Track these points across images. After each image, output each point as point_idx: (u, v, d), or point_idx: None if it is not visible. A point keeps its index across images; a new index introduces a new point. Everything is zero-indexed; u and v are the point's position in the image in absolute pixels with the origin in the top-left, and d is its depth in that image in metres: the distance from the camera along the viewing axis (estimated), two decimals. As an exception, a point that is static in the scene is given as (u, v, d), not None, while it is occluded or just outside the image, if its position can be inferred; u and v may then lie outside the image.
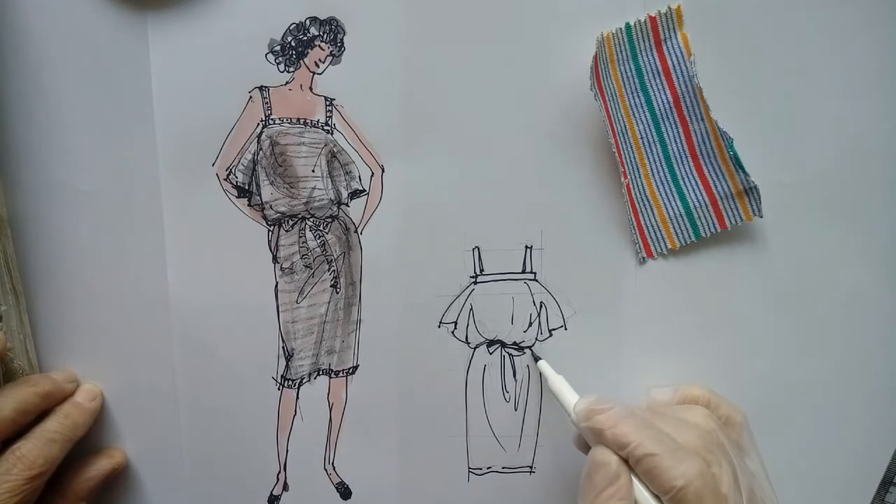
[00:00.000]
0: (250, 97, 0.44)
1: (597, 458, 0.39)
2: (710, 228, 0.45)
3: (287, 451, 0.48)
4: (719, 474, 0.38)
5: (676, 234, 0.45)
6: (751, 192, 0.44)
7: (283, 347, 0.47)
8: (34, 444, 0.42)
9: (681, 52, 0.43)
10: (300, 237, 0.46)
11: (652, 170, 0.45)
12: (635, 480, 0.38)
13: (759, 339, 0.47)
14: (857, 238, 0.46)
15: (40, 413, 0.43)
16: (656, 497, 0.37)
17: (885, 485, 0.48)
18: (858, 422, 0.48)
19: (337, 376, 0.48)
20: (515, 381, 0.48)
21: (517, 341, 0.47)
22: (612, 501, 0.37)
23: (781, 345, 0.47)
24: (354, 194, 0.46)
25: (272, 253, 0.46)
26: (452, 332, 0.47)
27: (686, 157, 0.44)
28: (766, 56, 0.44)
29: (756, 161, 0.44)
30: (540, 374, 0.47)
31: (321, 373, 0.48)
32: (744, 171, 0.43)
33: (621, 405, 0.40)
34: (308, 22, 0.43)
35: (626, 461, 0.38)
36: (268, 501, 0.49)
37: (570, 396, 0.43)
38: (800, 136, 0.45)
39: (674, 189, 0.45)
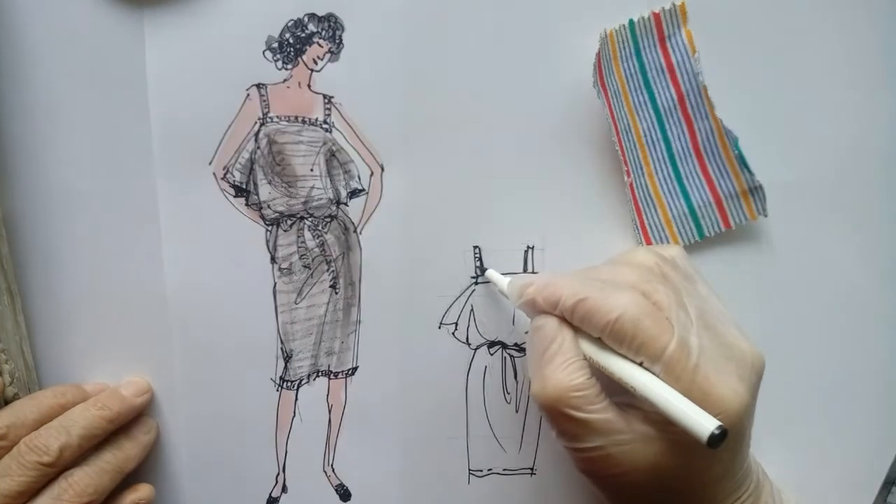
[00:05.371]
0: (248, 95, 0.43)
1: (533, 325, 0.37)
2: (714, 228, 0.45)
3: (286, 452, 0.48)
4: (661, 301, 0.35)
5: (680, 233, 0.45)
6: (755, 191, 0.43)
7: (281, 348, 0.47)
8: (87, 472, 0.40)
9: (685, 49, 0.42)
10: (299, 237, 0.45)
11: (656, 168, 0.44)
12: (583, 340, 0.36)
13: (762, 339, 0.46)
14: (863, 238, 0.45)
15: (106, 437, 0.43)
16: (607, 347, 0.35)
17: (888, 485, 0.48)
18: (861, 422, 0.48)
19: (336, 377, 0.47)
20: (516, 382, 0.48)
21: (518, 342, 0.47)
22: (557, 358, 0.35)
23: (784, 345, 0.46)
24: (354, 194, 0.45)
25: (270, 253, 0.45)
26: (453, 333, 0.47)
27: (690, 155, 0.44)
28: (770, 54, 0.43)
29: (761, 160, 0.43)
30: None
31: (320, 374, 0.47)
32: (749, 170, 0.43)
33: (550, 272, 0.37)
34: (306, 19, 0.42)
35: (566, 320, 0.36)
36: (266, 503, 0.49)
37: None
38: (805, 135, 0.44)
39: (678, 188, 0.44)
